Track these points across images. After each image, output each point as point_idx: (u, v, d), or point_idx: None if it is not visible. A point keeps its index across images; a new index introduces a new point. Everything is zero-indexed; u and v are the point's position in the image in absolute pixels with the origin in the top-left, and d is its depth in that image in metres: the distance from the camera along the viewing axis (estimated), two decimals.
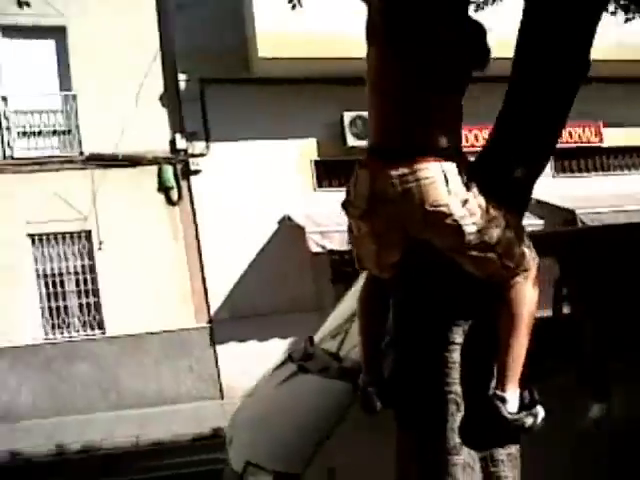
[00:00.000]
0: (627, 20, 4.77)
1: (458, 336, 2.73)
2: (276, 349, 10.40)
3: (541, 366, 3.58)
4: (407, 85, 2.46)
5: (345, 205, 2.63)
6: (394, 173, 2.40)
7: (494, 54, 2.95)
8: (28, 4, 3.76)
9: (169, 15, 11.56)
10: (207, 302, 11.56)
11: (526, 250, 2.66)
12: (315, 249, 10.65)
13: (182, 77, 11.72)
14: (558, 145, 11.33)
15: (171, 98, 11.80)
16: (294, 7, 4.06)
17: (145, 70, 11.49)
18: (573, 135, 13.20)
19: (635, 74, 12.88)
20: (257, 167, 11.68)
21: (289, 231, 11.52)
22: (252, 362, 9.56)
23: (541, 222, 11.19)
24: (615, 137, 13.48)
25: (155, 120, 11.59)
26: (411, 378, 2.87)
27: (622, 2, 4.49)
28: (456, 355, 2.72)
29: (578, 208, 11.68)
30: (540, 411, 2.66)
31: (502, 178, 2.77)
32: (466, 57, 2.58)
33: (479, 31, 2.64)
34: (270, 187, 11.65)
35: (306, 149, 12.08)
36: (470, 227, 2.44)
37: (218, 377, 11.50)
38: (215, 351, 11.53)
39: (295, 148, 11.97)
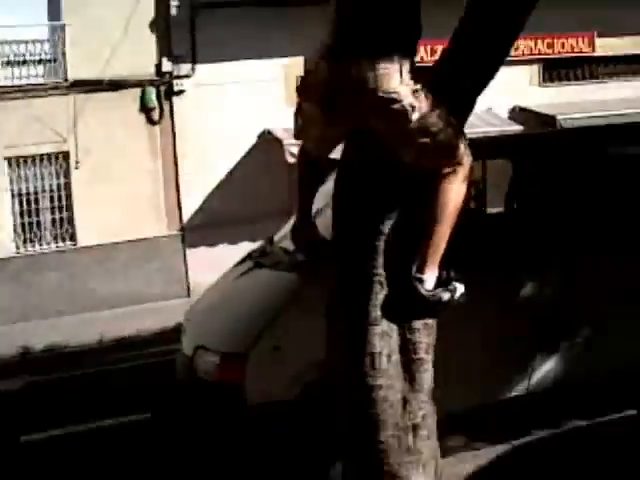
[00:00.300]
0: None
1: (386, 226, 2.97)
2: (245, 251, 10.83)
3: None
4: None
5: (301, 89, 2.80)
6: (353, 65, 2.56)
7: None
8: None
9: None
10: (180, 212, 11.83)
11: (461, 146, 2.85)
12: (291, 160, 10.53)
13: (174, 3, 11.74)
14: (548, 55, 11.30)
15: (161, 24, 11.83)
16: None
17: None
18: (565, 45, 13.18)
19: None
20: (241, 86, 11.75)
21: (268, 144, 11.65)
22: (220, 263, 9.84)
23: (520, 128, 11.27)
24: (607, 45, 13.38)
25: (143, 46, 11.67)
26: (342, 260, 3.11)
27: None
28: (381, 243, 2.95)
29: (559, 114, 11.69)
30: (458, 287, 2.84)
31: (450, 85, 2.93)
32: None
33: None
34: (253, 104, 11.74)
35: (293, 67, 12.01)
36: (415, 114, 2.60)
37: (186, 278, 11.82)
38: (185, 255, 11.83)
39: (280, 66, 12.02)
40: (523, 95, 11.44)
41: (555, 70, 13.37)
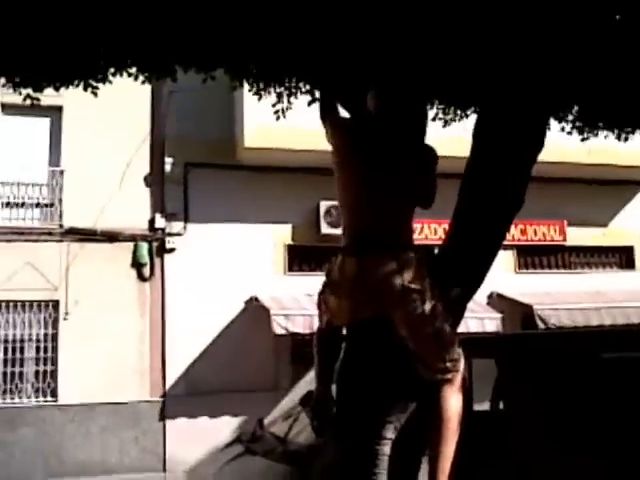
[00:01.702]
0: (583, 140, 5.09)
1: (389, 432, 3.11)
2: (226, 427, 10.59)
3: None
4: (380, 196, 3.09)
5: (326, 286, 3.17)
6: (378, 260, 2.98)
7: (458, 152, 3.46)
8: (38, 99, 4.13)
9: (162, 101, 12.09)
10: (164, 377, 11.64)
11: (458, 350, 3.12)
12: (278, 331, 10.78)
13: (168, 160, 12.17)
14: (522, 242, 11.86)
15: (155, 179, 12.21)
16: (278, 118, 4.50)
17: (133, 151, 12.00)
18: (538, 233, 13.69)
19: (602, 177, 13.60)
20: (231, 249, 12.01)
21: (255, 312, 11.69)
22: (199, 438, 9.69)
23: (499, 316, 11.57)
24: (578, 236, 13.93)
25: (137, 199, 11.97)
26: (345, 464, 3.22)
27: (577, 124, 4.86)
28: (386, 448, 3.09)
29: (536, 304, 12.03)
30: None
31: (442, 295, 3.21)
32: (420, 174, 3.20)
33: (431, 156, 3.25)
34: (241, 269, 11.95)
35: (281, 234, 12.43)
36: (428, 307, 2.97)
37: (163, 450, 11.47)
38: (164, 425, 11.53)
39: (270, 233, 12.31)
40: (499, 281, 11.82)
41: (529, 257, 13.90)
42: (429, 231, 12.31)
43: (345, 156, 3.22)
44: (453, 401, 3.05)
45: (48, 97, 4.28)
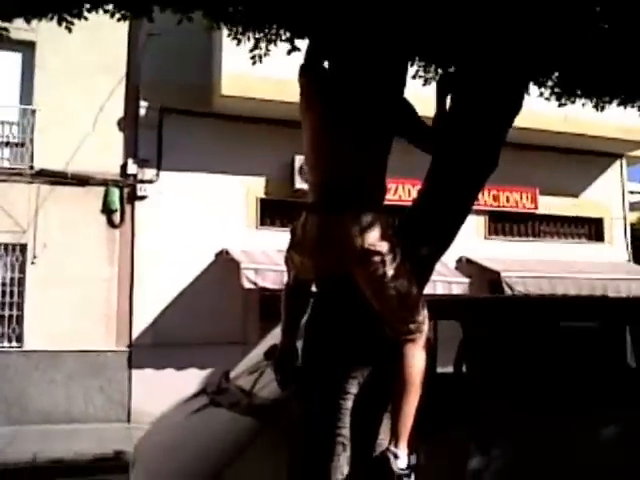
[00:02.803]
0: (560, 105, 5.06)
1: (353, 387, 3.14)
2: (193, 379, 10.41)
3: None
4: (345, 151, 3.04)
5: (291, 247, 3.17)
6: (339, 220, 2.95)
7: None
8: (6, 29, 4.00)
9: (139, 43, 11.82)
10: (130, 327, 11.54)
11: (423, 311, 3.14)
12: (247, 285, 10.72)
13: (143, 104, 11.92)
14: (494, 207, 11.92)
15: (129, 124, 11.96)
16: (254, 63, 4.43)
17: (108, 93, 11.74)
18: (510, 199, 13.78)
19: (576, 146, 13.73)
20: (203, 199, 11.92)
21: (225, 265, 11.63)
22: (165, 390, 9.57)
23: (467, 280, 11.68)
24: (549, 205, 14.10)
25: (110, 143, 11.75)
26: (309, 418, 3.25)
27: (556, 91, 4.84)
28: (349, 403, 3.11)
29: (504, 270, 12.18)
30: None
31: (411, 251, 3.22)
32: (394, 130, 3.18)
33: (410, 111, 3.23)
34: (213, 220, 11.87)
35: (253, 187, 12.34)
36: (390, 269, 2.96)
37: (128, 400, 11.41)
38: (130, 375, 11.46)
39: (243, 185, 12.22)
40: (469, 245, 11.95)
41: (500, 223, 14.04)
42: (403, 192, 12.33)
43: (310, 106, 3.17)
44: (416, 360, 3.09)
45: (20, 31, 4.15)
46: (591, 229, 14.84)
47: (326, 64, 3.35)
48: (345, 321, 3.21)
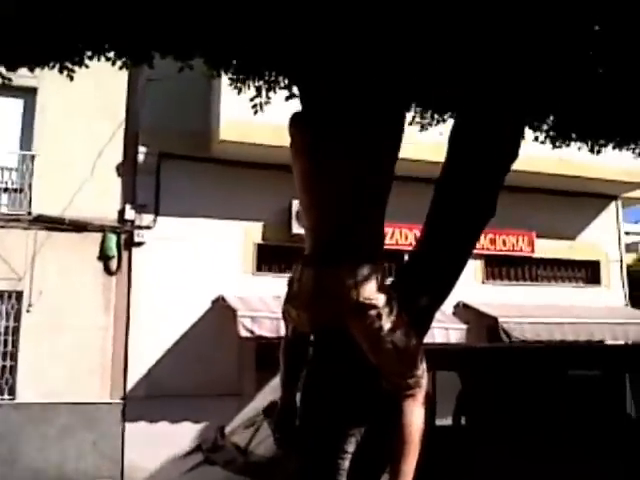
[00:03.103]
0: (554, 147, 5.11)
1: (351, 445, 3.10)
2: (187, 432, 10.41)
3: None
4: (341, 202, 3.00)
5: (288, 300, 3.12)
6: (334, 273, 2.90)
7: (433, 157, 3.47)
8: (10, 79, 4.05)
9: (139, 89, 11.93)
10: (125, 377, 11.32)
11: (422, 366, 3.10)
12: (244, 333, 10.54)
13: (142, 149, 11.97)
14: (491, 251, 11.95)
15: (127, 169, 11.99)
16: (256, 112, 4.47)
17: (107, 138, 11.80)
18: (507, 243, 13.77)
19: (571, 189, 13.80)
20: (200, 245, 11.88)
21: (221, 312, 11.51)
22: (159, 444, 9.36)
23: (465, 326, 11.61)
24: (546, 248, 14.06)
25: (108, 189, 11.76)
26: (306, 478, 3.20)
27: (551, 134, 4.89)
28: (346, 463, 3.08)
29: (501, 316, 12.10)
30: None
31: (410, 302, 3.20)
32: (391, 179, 3.14)
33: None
34: (210, 266, 11.81)
35: (251, 232, 12.32)
36: (387, 323, 2.92)
37: (122, 456, 11.08)
38: (124, 429, 11.18)
39: (240, 230, 12.20)
40: (466, 290, 11.94)
41: (497, 267, 14.01)
42: (400, 236, 12.33)
43: (298, 156, 3.13)
44: (415, 417, 3.04)
45: (22, 78, 4.20)
46: (588, 272, 14.81)
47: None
48: (342, 376, 3.18)
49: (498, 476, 4.27)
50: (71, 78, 3.97)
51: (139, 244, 11.78)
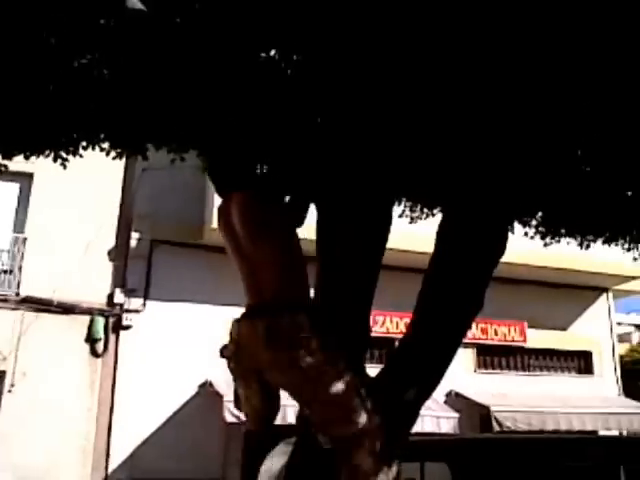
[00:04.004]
0: (545, 245, 5.17)
1: None
2: None
3: None
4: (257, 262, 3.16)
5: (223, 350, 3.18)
6: (252, 323, 2.98)
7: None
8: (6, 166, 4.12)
9: (134, 177, 12.11)
10: (107, 460, 11.08)
11: (362, 413, 2.89)
12: (230, 419, 10.26)
13: (135, 235, 12.11)
14: (482, 341, 11.85)
15: (119, 254, 12.08)
16: None
17: (100, 224, 11.90)
18: (498, 333, 13.76)
19: (563, 281, 13.93)
20: (188, 329, 11.81)
21: (207, 397, 11.37)
22: None
23: (456, 415, 11.42)
24: (537, 338, 14.04)
25: (98, 273, 11.79)
26: None
27: (540, 230, 4.94)
28: None
29: (493, 405, 11.97)
30: None
31: (397, 396, 3.17)
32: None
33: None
34: (197, 350, 11.59)
35: (238, 316, 12.24)
36: (305, 362, 2.84)
37: None
38: None
39: (228, 315, 12.09)
40: (459, 379, 11.84)
41: (488, 356, 13.92)
42: (391, 325, 12.29)
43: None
44: (361, 464, 2.85)
45: (19, 163, 4.25)
46: (580, 362, 14.74)
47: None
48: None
49: None
50: (64, 166, 4.02)
51: (127, 327, 11.71)
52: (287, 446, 3.55)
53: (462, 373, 12.67)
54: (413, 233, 5.22)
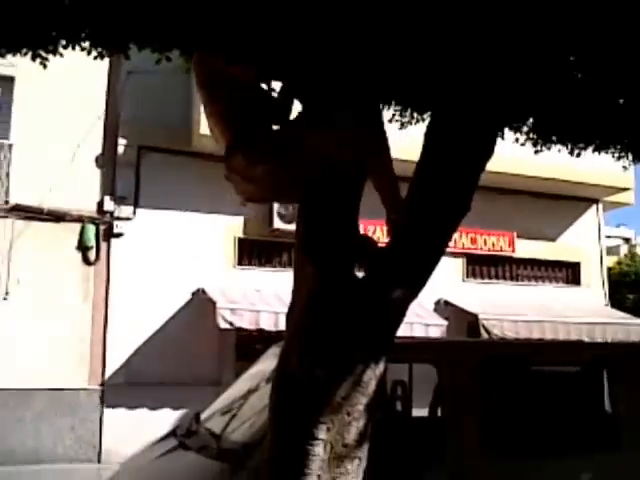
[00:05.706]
0: (536, 152, 5.13)
1: (322, 432, 3.07)
2: (166, 419, 10.38)
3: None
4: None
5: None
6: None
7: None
8: None
9: (119, 81, 11.81)
10: (104, 365, 11.30)
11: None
12: (223, 325, 10.54)
13: (122, 142, 11.89)
14: (472, 250, 11.95)
15: (107, 161, 11.91)
16: None
17: (86, 130, 11.69)
18: (487, 242, 13.85)
19: (553, 191, 13.95)
20: (180, 238, 11.82)
21: (201, 304, 11.50)
22: (137, 430, 9.44)
23: (445, 323, 11.61)
24: (526, 249, 14.17)
25: (87, 180, 11.66)
26: (276, 463, 3.19)
27: (531, 136, 4.89)
28: (317, 449, 3.04)
29: (481, 313, 12.19)
30: None
31: (384, 295, 3.19)
32: None
33: None
34: (190, 259, 11.77)
35: (232, 226, 12.26)
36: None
37: (99, 441, 11.11)
38: (102, 415, 11.18)
39: (221, 224, 12.14)
40: (447, 288, 11.99)
41: (477, 266, 14.06)
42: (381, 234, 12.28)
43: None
44: None
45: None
46: (568, 273, 14.92)
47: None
48: (315, 357, 3.16)
49: (472, 465, 4.29)
50: (44, 66, 3.89)
51: (118, 235, 11.70)
52: (278, 348, 3.59)
53: (451, 282, 12.83)
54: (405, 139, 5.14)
